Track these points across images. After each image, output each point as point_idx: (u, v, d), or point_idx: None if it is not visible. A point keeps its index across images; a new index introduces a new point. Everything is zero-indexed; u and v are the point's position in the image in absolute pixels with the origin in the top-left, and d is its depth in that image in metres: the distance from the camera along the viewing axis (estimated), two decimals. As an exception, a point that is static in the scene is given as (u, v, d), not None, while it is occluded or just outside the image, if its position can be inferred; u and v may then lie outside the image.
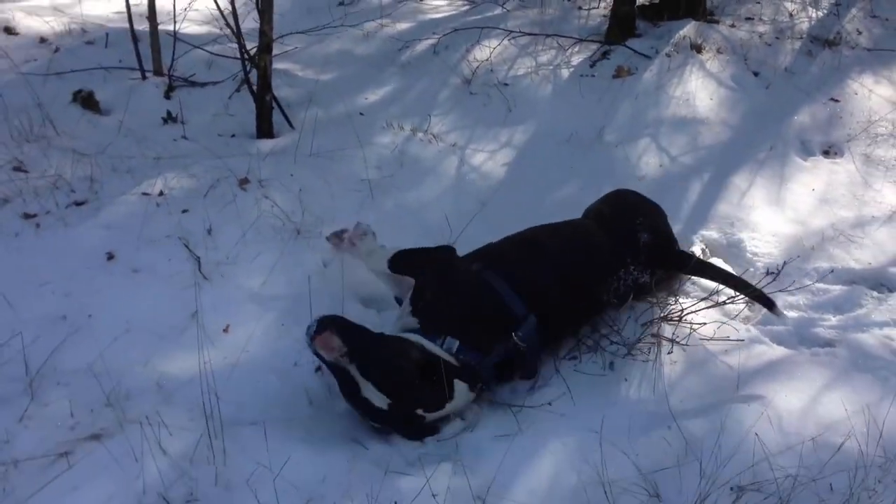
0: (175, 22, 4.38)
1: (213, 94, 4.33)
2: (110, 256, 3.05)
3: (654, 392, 2.72)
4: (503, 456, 2.42)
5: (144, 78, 4.28)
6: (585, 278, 2.95)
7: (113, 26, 5.01)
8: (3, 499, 2.14)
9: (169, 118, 4.02)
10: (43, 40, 4.75)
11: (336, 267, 3.23)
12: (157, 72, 4.30)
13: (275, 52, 3.99)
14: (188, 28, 4.89)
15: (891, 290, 3.40)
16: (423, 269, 2.90)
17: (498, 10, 5.79)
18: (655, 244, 3.14)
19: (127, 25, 4.42)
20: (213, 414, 2.41)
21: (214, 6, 4.33)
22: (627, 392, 2.75)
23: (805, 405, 2.71)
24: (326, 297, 3.09)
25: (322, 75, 4.75)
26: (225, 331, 2.89)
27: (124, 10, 4.41)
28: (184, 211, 3.30)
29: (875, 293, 3.36)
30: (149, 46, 4.35)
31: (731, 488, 2.35)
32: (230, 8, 3.99)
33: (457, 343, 2.63)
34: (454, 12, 5.88)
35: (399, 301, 2.99)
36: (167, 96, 4.21)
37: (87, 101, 3.95)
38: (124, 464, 2.28)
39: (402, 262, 2.99)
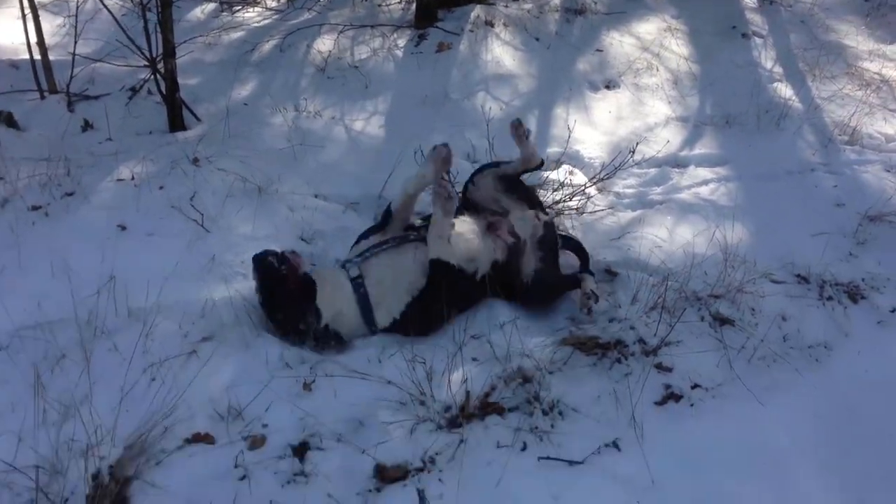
0: (75, 43, 4.76)
1: (109, 104, 4.77)
2: (123, 228, 3.57)
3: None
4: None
5: (43, 97, 4.64)
6: None
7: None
8: (171, 385, 2.73)
9: (87, 126, 4.45)
10: (-79, 76, 4.90)
11: (298, 211, 3.97)
12: (53, 90, 4.67)
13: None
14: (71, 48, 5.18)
15: (685, 166, 4.77)
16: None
17: (307, 15, 6.62)
18: None
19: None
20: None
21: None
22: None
23: (668, 234, 3.95)
24: (297, 232, 3.83)
25: (189, 81, 5.31)
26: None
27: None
28: (160, 188, 3.85)
29: (676, 169, 4.73)
30: (31, 70, 4.70)
31: (653, 284, 3.47)
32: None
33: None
34: (269, 21, 6.61)
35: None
36: (70, 110, 4.60)
37: (9, 120, 4.29)
38: (241, 349, 2.95)
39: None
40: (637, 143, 4.71)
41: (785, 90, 5.58)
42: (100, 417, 2.54)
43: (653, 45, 6.18)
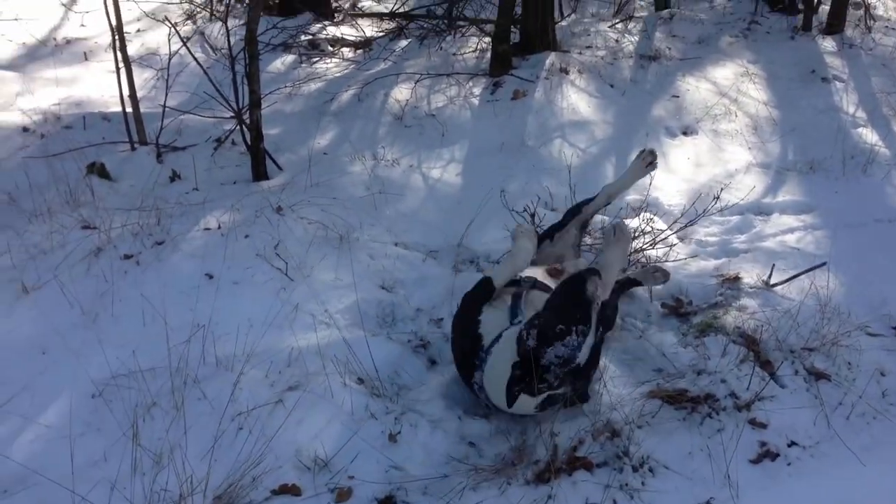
0: (166, 96, 4.95)
1: (196, 154, 4.92)
2: (210, 276, 3.64)
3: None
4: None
5: (134, 149, 4.81)
6: None
7: (76, 112, 5.47)
8: (259, 434, 2.74)
9: (175, 176, 4.59)
10: (26, 129, 5.15)
11: (379, 259, 4.00)
12: (143, 141, 4.84)
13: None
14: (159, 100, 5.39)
15: (768, 214, 4.66)
16: None
17: (383, 65, 6.75)
18: None
19: (91, 110, 5.02)
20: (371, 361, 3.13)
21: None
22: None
23: (757, 280, 3.83)
24: (378, 280, 3.85)
25: (271, 131, 5.43)
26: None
27: (61, 100, 4.97)
28: (246, 236, 3.93)
29: (759, 217, 4.62)
30: (123, 122, 4.88)
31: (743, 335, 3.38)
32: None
33: None
34: (347, 71, 6.76)
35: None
36: (159, 160, 4.75)
37: (101, 171, 4.47)
38: (326, 398, 2.95)
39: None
40: (721, 189, 4.62)
41: (870, 135, 5.44)
42: (191, 466, 2.56)
43: (730, 90, 6.11)
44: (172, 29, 4.95)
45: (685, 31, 7.33)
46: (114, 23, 4.62)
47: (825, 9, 7.45)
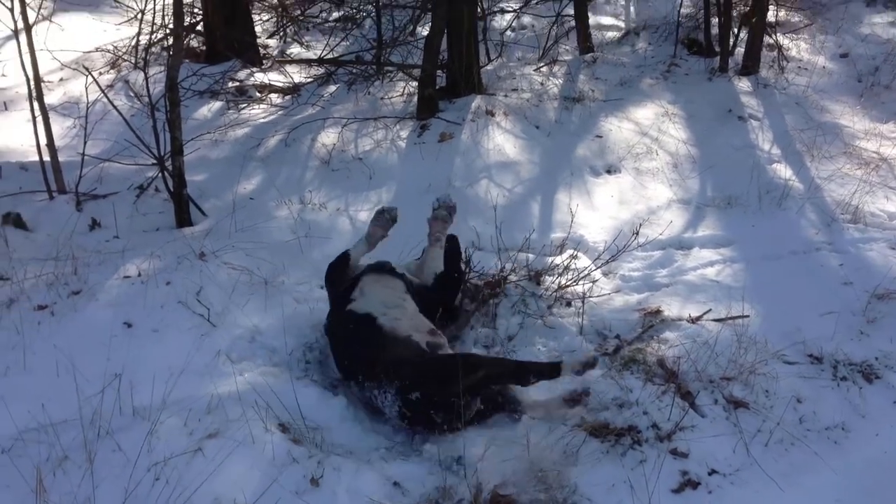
0: (84, 144, 4.87)
1: (117, 202, 4.85)
2: (129, 325, 3.56)
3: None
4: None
5: (52, 198, 4.71)
6: None
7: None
8: (175, 484, 2.66)
9: (95, 224, 4.50)
10: (-66, 179, 5.00)
11: (304, 303, 3.97)
12: (61, 190, 4.75)
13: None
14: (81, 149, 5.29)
15: (689, 248, 4.77)
16: None
17: (311, 110, 6.77)
18: None
19: (9, 159, 4.96)
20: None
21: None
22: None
23: (678, 313, 3.91)
24: (304, 322, 3.83)
25: (196, 177, 5.38)
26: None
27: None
28: (167, 283, 3.86)
29: (680, 252, 4.73)
30: (41, 171, 4.78)
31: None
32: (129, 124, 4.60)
33: None
34: (274, 117, 6.76)
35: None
36: (78, 209, 4.66)
37: (17, 221, 4.36)
38: (247, 444, 2.89)
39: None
40: (640, 225, 4.72)
41: (784, 171, 5.63)
42: (103, 521, 2.48)
43: (651, 129, 6.28)
44: (90, 77, 4.88)
45: (608, 73, 7.52)
46: (30, 73, 4.55)
47: (741, 51, 7.74)
